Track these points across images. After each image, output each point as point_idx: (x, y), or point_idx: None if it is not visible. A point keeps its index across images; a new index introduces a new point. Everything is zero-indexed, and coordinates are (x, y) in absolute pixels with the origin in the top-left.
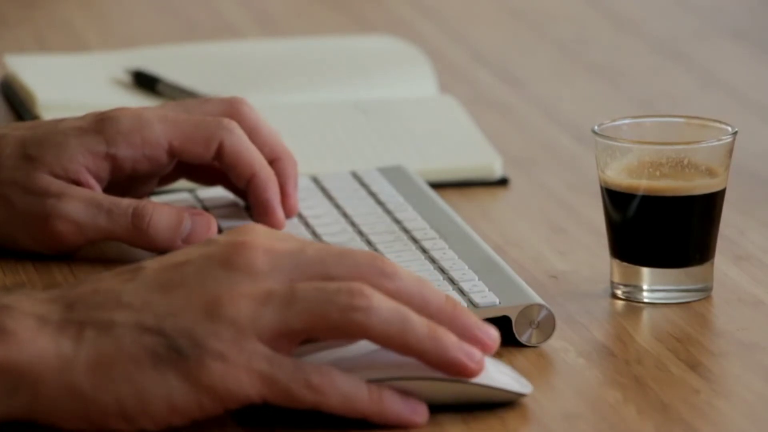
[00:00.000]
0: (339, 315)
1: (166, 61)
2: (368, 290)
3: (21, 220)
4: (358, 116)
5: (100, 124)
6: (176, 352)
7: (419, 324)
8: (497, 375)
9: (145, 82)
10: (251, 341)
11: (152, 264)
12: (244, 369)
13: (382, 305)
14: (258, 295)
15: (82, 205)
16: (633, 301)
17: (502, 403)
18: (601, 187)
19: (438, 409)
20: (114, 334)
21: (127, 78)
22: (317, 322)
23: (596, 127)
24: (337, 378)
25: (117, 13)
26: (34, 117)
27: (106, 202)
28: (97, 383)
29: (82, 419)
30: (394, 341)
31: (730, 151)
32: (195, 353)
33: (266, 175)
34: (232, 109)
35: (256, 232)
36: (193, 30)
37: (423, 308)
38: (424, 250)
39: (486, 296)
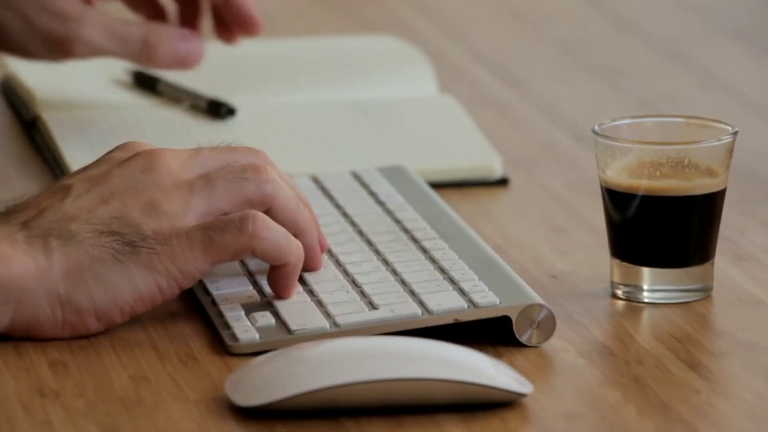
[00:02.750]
0: (254, 188)
1: None
2: (266, 166)
3: (39, 37)
4: (359, 116)
5: None
6: (130, 246)
7: (306, 209)
8: (497, 375)
9: (145, 81)
10: (187, 224)
11: (76, 181)
12: (188, 248)
13: (281, 181)
14: (182, 188)
15: (101, 32)
16: (633, 301)
17: (502, 402)
18: (601, 187)
19: (438, 409)
20: (76, 240)
21: (127, 78)
22: (237, 199)
23: (596, 127)
24: (268, 229)
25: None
26: (34, 117)
27: (119, 29)
28: (71, 286)
29: (59, 324)
30: (289, 213)
31: (730, 151)
32: (146, 244)
33: None
34: None
35: (146, 144)
36: None
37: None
38: (424, 250)
39: (486, 296)
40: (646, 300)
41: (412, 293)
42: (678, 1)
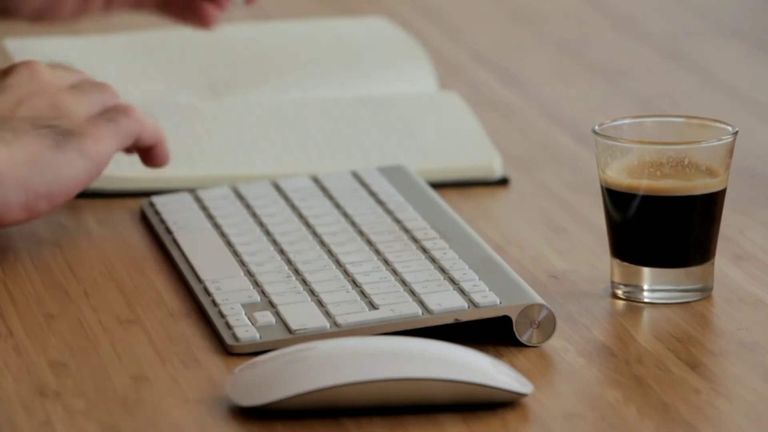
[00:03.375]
0: (110, 96)
1: (165, 45)
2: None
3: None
4: (359, 110)
5: None
6: (64, 135)
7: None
8: (498, 375)
9: None
10: (88, 117)
11: None
12: (103, 136)
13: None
14: (71, 89)
15: None
16: (633, 301)
17: (502, 402)
18: (602, 187)
19: (438, 409)
20: (24, 132)
21: (132, 72)
22: (111, 96)
23: (596, 127)
24: (144, 115)
25: None
26: None
27: None
28: (31, 172)
29: (21, 208)
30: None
31: (731, 151)
32: (72, 136)
33: None
34: None
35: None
36: None
37: None
38: (424, 250)
39: (487, 296)
40: (646, 300)
41: (413, 293)
42: (678, 1)
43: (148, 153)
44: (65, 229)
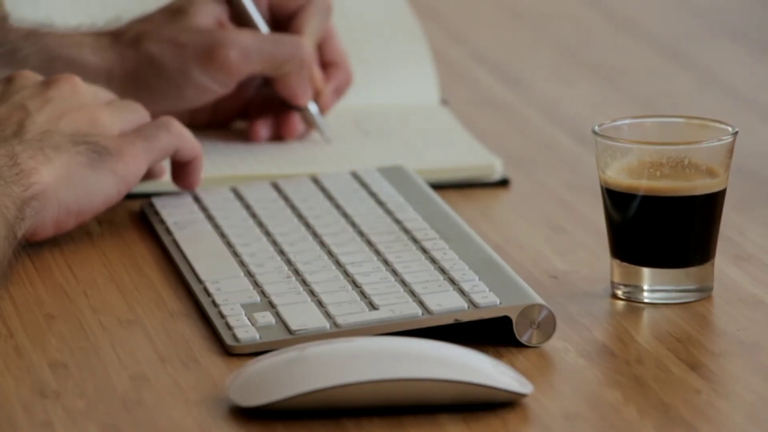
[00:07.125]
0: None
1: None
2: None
3: (192, 54)
4: (359, 134)
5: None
6: (98, 154)
7: None
8: (498, 375)
9: None
10: (123, 134)
11: (19, 102)
12: (135, 154)
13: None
14: (107, 106)
15: (249, 34)
16: (633, 301)
17: (502, 403)
18: (602, 187)
19: (438, 409)
20: (62, 150)
21: None
22: (144, 113)
23: (596, 127)
24: (183, 128)
25: None
26: None
27: (269, 35)
28: (66, 190)
29: (53, 225)
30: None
31: (731, 151)
32: (107, 152)
33: None
34: None
35: (32, 72)
36: None
37: None
38: (424, 251)
39: (487, 296)
40: (646, 300)
41: (413, 293)
42: (678, 1)
43: (182, 168)
44: None
